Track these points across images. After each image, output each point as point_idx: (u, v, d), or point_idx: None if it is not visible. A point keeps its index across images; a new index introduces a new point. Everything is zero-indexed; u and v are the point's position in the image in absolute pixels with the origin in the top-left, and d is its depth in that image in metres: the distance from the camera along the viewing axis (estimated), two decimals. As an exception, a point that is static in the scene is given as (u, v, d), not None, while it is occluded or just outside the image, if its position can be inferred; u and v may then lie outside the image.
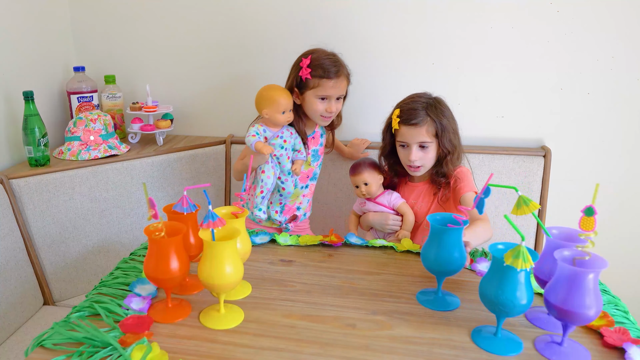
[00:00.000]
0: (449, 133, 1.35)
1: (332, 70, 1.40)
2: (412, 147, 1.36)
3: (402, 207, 1.45)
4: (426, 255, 1.01)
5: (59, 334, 0.88)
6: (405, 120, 1.35)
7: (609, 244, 1.76)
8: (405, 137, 1.36)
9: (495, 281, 0.85)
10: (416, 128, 1.34)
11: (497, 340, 0.89)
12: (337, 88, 1.42)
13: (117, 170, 1.67)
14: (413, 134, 1.35)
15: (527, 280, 0.84)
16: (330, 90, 1.41)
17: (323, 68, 1.39)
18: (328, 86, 1.40)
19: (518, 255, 0.80)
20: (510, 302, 0.83)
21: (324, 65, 1.40)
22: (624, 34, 1.61)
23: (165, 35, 1.89)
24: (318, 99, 1.43)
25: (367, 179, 1.46)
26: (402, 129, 1.36)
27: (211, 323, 0.94)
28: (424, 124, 1.34)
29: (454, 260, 0.98)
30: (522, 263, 0.79)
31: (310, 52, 1.43)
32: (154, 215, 0.93)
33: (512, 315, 0.86)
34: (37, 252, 1.55)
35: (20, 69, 1.67)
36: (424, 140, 1.35)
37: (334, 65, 1.41)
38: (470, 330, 0.93)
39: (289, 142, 1.48)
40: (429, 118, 1.34)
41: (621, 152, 1.73)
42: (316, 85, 1.41)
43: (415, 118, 1.34)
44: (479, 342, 0.89)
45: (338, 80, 1.41)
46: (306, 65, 1.40)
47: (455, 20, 1.70)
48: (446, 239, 0.98)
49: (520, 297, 0.83)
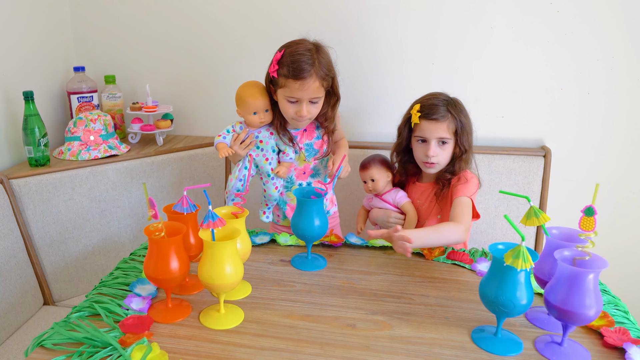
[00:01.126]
0: (467, 132, 1.35)
1: (298, 71, 1.22)
2: (431, 142, 1.34)
3: (405, 205, 1.45)
4: (295, 224, 1.16)
5: (59, 334, 0.88)
6: (426, 115, 1.33)
7: (609, 244, 1.75)
8: (425, 132, 1.34)
9: (495, 281, 0.84)
10: (437, 123, 1.32)
11: (497, 340, 0.89)
12: (306, 91, 1.25)
13: (117, 170, 1.66)
14: (433, 129, 1.33)
15: (527, 280, 0.84)
16: (297, 92, 1.25)
17: (289, 67, 1.23)
18: (294, 88, 1.24)
19: (518, 255, 0.80)
20: (511, 302, 0.83)
21: (291, 64, 1.23)
22: (624, 34, 1.61)
23: (165, 35, 1.89)
24: (287, 101, 1.28)
25: (375, 175, 1.45)
26: (422, 123, 1.34)
27: (211, 323, 0.94)
28: (445, 120, 1.33)
29: (315, 227, 1.14)
30: (522, 263, 0.79)
31: (287, 46, 1.29)
32: (154, 215, 0.93)
33: (512, 315, 0.86)
34: (37, 252, 1.55)
35: (20, 69, 1.67)
36: (443, 136, 1.33)
37: (304, 64, 1.23)
38: (470, 330, 0.93)
39: (266, 142, 1.38)
40: (450, 115, 1.33)
41: (621, 152, 1.73)
42: (283, 84, 1.27)
43: (437, 113, 1.32)
44: (479, 343, 0.89)
45: (306, 82, 1.23)
46: (276, 61, 1.27)
47: (455, 20, 1.70)
48: (307, 209, 1.14)
49: (521, 297, 0.83)
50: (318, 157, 1.43)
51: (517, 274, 0.83)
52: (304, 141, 1.42)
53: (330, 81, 1.31)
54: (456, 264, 1.19)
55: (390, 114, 1.59)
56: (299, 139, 1.40)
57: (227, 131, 1.39)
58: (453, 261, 1.20)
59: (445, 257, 1.21)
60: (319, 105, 1.32)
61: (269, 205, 1.47)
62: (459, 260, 1.19)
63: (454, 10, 1.69)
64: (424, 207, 1.45)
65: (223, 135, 1.38)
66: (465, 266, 1.18)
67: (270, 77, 1.31)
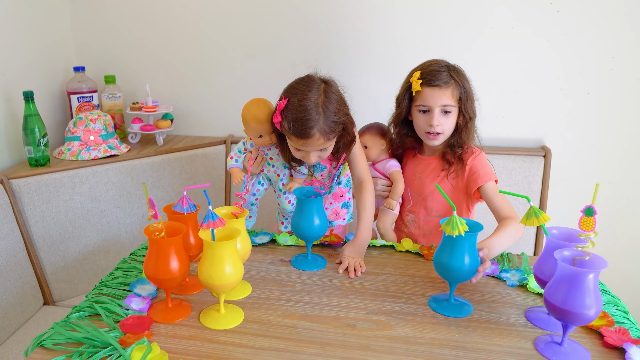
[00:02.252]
0: (470, 99, 1.28)
1: (300, 132, 1.14)
2: (435, 110, 1.26)
3: (393, 174, 1.39)
4: (295, 224, 1.15)
5: (59, 334, 0.88)
6: (428, 82, 1.25)
7: (609, 244, 1.76)
8: (428, 100, 1.26)
9: (445, 251, 0.97)
10: (441, 89, 1.25)
11: (450, 305, 1.01)
12: (310, 146, 1.16)
13: (117, 170, 1.66)
14: (436, 96, 1.25)
15: (470, 247, 0.95)
16: (301, 146, 1.18)
17: (291, 124, 1.14)
18: (299, 143, 1.17)
19: (451, 223, 0.92)
20: (459, 268, 0.95)
21: (293, 122, 1.14)
22: (624, 34, 1.61)
23: (165, 35, 1.89)
24: (293, 147, 1.21)
25: (367, 142, 1.40)
26: (424, 91, 1.26)
27: (211, 323, 0.94)
28: (449, 86, 1.25)
29: (315, 227, 1.14)
30: (452, 230, 0.92)
31: (292, 93, 1.17)
32: (154, 215, 0.93)
33: (462, 280, 0.97)
34: (37, 252, 1.55)
35: (20, 69, 1.67)
36: (447, 104, 1.26)
37: (307, 123, 1.13)
38: (470, 330, 0.93)
39: (277, 159, 1.35)
40: (453, 80, 1.26)
41: (621, 152, 1.73)
42: (287, 135, 1.19)
43: (440, 79, 1.25)
44: (435, 308, 1.00)
45: (309, 141, 1.15)
46: (279, 111, 1.17)
47: (455, 20, 1.70)
48: (307, 208, 1.13)
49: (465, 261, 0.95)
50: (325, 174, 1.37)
51: (458, 242, 0.95)
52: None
53: (340, 129, 1.19)
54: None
55: (390, 114, 1.59)
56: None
57: (239, 151, 1.37)
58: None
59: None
60: (329, 149, 1.22)
61: (286, 217, 1.47)
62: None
63: (454, 10, 1.69)
64: (425, 182, 1.37)
65: (235, 158, 1.37)
66: (465, 266, 1.18)
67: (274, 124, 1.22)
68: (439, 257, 0.98)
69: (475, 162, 1.30)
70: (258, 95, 1.94)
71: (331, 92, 1.17)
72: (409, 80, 1.31)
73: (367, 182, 1.32)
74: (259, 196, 1.44)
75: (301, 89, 1.16)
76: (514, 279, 1.11)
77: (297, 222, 1.16)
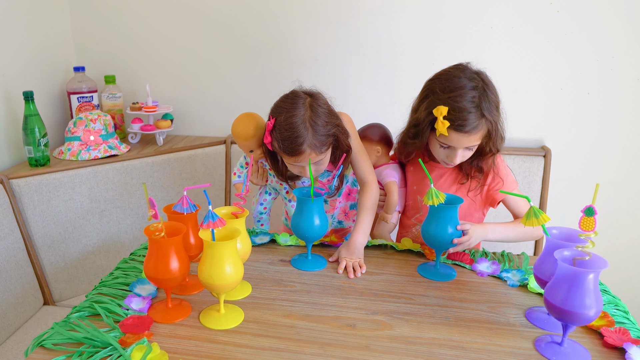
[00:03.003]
0: (500, 135, 1.17)
1: (290, 150, 1.13)
2: (458, 150, 1.17)
3: (387, 185, 1.33)
4: (295, 224, 1.17)
5: (59, 334, 0.88)
6: (457, 127, 1.11)
7: (609, 244, 1.76)
8: (453, 142, 1.15)
9: (431, 222, 1.11)
10: (469, 135, 1.13)
11: (436, 271, 1.15)
12: (303, 161, 1.16)
13: (117, 170, 1.66)
14: (463, 141, 1.14)
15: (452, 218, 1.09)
16: (294, 162, 1.17)
17: (280, 144, 1.14)
18: (290, 161, 1.17)
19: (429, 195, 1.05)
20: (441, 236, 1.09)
21: (282, 141, 1.13)
22: (624, 34, 1.61)
23: (165, 35, 1.90)
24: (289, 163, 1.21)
25: None
26: (451, 135, 1.13)
27: (211, 323, 0.94)
28: (478, 130, 1.12)
29: (315, 227, 1.15)
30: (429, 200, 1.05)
31: (278, 112, 1.15)
32: (154, 215, 0.93)
33: (444, 247, 1.12)
34: (37, 252, 1.55)
35: (20, 69, 1.67)
36: (471, 145, 1.16)
37: (295, 140, 1.11)
38: (470, 330, 0.93)
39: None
40: (484, 119, 1.12)
41: (621, 152, 1.73)
42: (280, 154, 1.19)
43: (469, 124, 1.11)
44: (424, 273, 1.14)
45: (300, 157, 1.14)
46: (268, 132, 1.17)
47: (455, 20, 1.70)
48: (307, 208, 1.14)
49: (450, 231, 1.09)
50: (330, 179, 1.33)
51: (442, 212, 1.09)
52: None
53: (331, 141, 1.18)
54: (456, 264, 1.19)
55: (390, 114, 1.58)
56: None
57: (241, 166, 1.39)
58: (453, 261, 1.19)
59: (446, 257, 1.21)
60: (325, 162, 1.21)
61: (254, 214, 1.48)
62: (459, 260, 1.19)
63: (454, 10, 1.69)
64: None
65: (238, 174, 1.38)
66: (465, 266, 1.18)
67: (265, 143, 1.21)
68: (425, 227, 1.12)
69: (499, 171, 1.24)
70: (258, 95, 1.95)
71: (317, 105, 1.15)
72: (431, 111, 1.15)
73: (369, 183, 1.28)
74: (267, 205, 1.45)
75: (287, 107, 1.14)
76: (515, 279, 1.11)
77: (297, 222, 1.16)
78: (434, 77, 1.21)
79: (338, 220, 1.45)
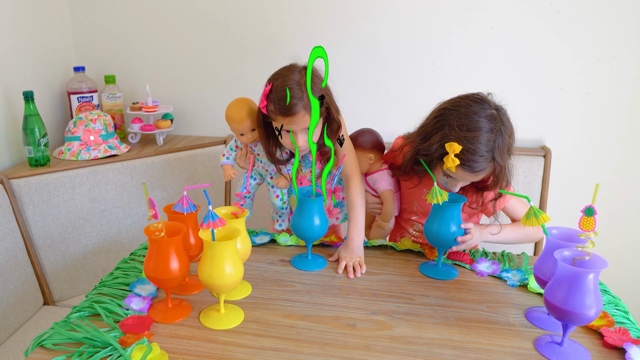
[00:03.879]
0: (506, 178, 1.15)
1: (285, 109, 1.16)
2: (460, 182, 1.17)
3: (383, 194, 1.33)
4: (295, 224, 1.17)
5: (59, 334, 0.88)
6: (466, 167, 1.09)
7: (609, 244, 1.76)
8: (458, 176, 1.13)
9: (434, 220, 1.12)
10: (476, 175, 1.12)
11: (438, 270, 1.15)
12: (295, 124, 1.18)
13: (117, 170, 1.66)
14: (468, 178, 1.14)
15: (455, 217, 1.10)
16: (286, 126, 1.20)
17: (276, 104, 1.18)
18: (285, 122, 1.20)
19: (433, 193, 1.06)
20: (444, 234, 1.10)
21: (278, 101, 1.17)
22: (624, 34, 1.61)
23: (165, 35, 1.89)
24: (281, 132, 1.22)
25: None
26: (457, 171, 1.10)
27: (211, 323, 0.94)
28: (486, 171, 1.12)
29: (315, 227, 1.16)
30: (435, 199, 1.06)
31: (275, 78, 1.21)
32: (154, 215, 0.93)
33: (449, 245, 1.12)
34: (37, 252, 1.55)
35: (20, 69, 1.67)
36: (476, 180, 1.16)
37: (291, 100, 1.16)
38: (470, 330, 0.93)
39: (263, 155, 1.34)
40: (493, 163, 1.10)
41: (621, 152, 1.73)
42: (274, 118, 1.22)
43: (478, 167, 1.09)
44: (426, 272, 1.14)
45: (294, 118, 1.17)
46: (264, 96, 1.22)
47: (455, 20, 1.70)
48: (307, 208, 1.15)
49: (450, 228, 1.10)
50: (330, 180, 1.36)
51: (445, 211, 1.10)
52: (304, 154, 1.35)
53: (324, 106, 1.19)
54: (456, 264, 1.19)
55: (390, 114, 1.59)
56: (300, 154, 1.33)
57: (231, 149, 1.39)
58: (453, 261, 1.20)
59: (446, 257, 1.21)
60: (317, 133, 1.21)
61: (279, 214, 1.46)
62: (459, 260, 1.19)
63: (454, 10, 1.69)
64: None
65: (227, 155, 1.39)
66: (466, 266, 1.18)
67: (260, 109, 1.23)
68: (428, 226, 1.13)
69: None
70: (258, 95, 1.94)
71: (313, 75, 1.16)
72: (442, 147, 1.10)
73: (353, 178, 1.27)
74: (251, 190, 1.44)
75: (284, 73, 1.20)
76: (515, 279, 1.11)
77: (297, 222, 1.16)
78: (450, 107, 1.15)
79: None
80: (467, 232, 1.13)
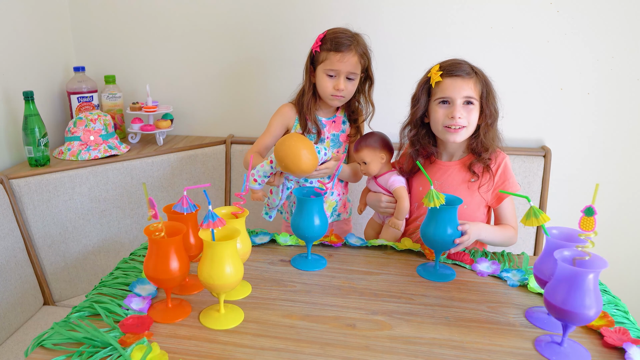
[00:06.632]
0: (492, 96, 1.24)
1: (339, 45, 1.33)
2: (456, 102, 1.20)
3: (397, 191, 1.32)
4: (295, 224, 1.16)
5: (59, 334, 0.88)
6: (449, 72, 1.21)
7: (609, 244, 1.76)
8: (449, 90, 1.21)
9: (430, 223, 1.11)
10: (463, 80, 1.21)
11: (436, 272, 1.14)
12: (345, 63, 1.34)
13: (117, 170, 1.67)
14: (458, 86, 1.20)
15: (451, 219, 1.09)
16: (337, 64, 1.33)
17: (331, 42, 1.34)
18: (335, 60, 1.33)
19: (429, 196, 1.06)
20: (440, 236, 1.09)
21: (333, 39, 1.34)
22: (624, 34, 1.61)
23: (165, 35, 1.89)
24: (326, 75, 1.36)
25: (365, 158, 1.34)
26: (445, 81, 1.21)
27: (211, 323, 0.94)
28: (471, 77, 1.21)
29: (315, 227, 1.15)
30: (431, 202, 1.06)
31: (329, 29, 1.39)
32: (154, 215, 0.93)
33: (446, 248, 1.12)
34: (37, 252, 1.55)
35: (20, 69, 1.67)
36: (469, 95, 1.20)
37: (345, 39, 1.34)
38: (470, 330, 0.93)
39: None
40: (475, 74, 1.22)
41: (621, 152, 1.73)
42: (324, 58, 1.36)
43: (461, 70, 1.21)
44: (424, 274, 1.13)
45: (346, 55, 1.33)
46: (319, 39, 1.37)
47: (455, 20, 1.70)
48: (307, 208, 1.14)
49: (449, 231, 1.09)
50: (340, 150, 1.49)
51: (441, 214, 1.09)
52: (331, 131, 1.46)
53: (367, 62, 1.40)
54: (456, 264, 1.19)
55: (390, 115, 1.58)
56: (327, 128, 1.46)
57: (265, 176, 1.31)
58: (453, 261, 1.20)
59: (446, 257, 1.21)
60: (355, 83, 1.39)
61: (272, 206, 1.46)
62: (459, 260, 1.19)
63: (454, 10, 1.69)
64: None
65: (259, 182, 1.32)
66: (465, 266, 1.18)
67: (313, 53, 1.39)
68: (424, 228, 1.12)
69: (505, 171, 1.27)
70: (258, 95, 1.95)
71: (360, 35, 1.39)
72: (427, 76, 1.27)
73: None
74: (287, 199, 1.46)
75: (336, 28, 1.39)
76: (515, 279, 1.11)
77: (297, 222, 1.16)
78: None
79: (337, 213, 1.49)
80: (463, 232, 1.12)
